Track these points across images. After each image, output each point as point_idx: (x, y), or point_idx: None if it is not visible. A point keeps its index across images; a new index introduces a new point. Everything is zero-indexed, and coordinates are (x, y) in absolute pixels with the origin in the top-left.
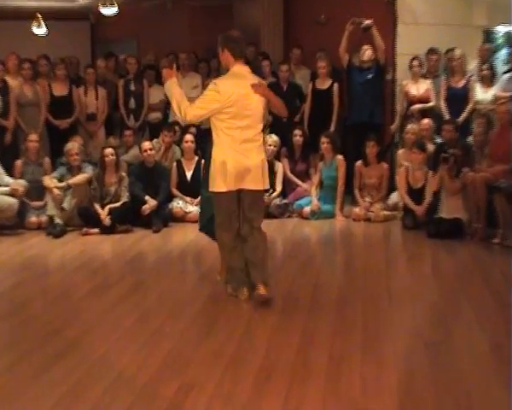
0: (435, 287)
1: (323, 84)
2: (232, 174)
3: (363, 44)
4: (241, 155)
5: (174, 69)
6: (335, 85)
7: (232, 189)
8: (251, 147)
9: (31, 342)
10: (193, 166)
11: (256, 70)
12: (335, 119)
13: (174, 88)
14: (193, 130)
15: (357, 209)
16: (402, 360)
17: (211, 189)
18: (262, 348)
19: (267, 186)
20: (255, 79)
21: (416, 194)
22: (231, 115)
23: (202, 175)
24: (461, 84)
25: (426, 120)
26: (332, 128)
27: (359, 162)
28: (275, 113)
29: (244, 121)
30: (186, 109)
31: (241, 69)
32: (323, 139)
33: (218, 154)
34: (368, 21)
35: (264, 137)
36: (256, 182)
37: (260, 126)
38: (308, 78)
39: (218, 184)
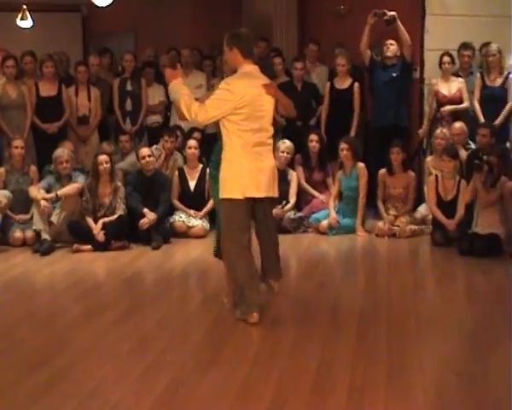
0: (469, 311)
1: (343, 83)
2: (247, 179)
3: (386, 39)
4: (254, 158)
5: (178, 68)
6: (356, 85)
7: (248, 196)
8: (263, 150)
9: (15, 373)
10: (197, 176)
11: (267, 68)
12: (356, 122)
13: (181, 89)
14: (197, 135)
15: (380, 223)
16: (431, 392)
17: (222, 196)
18: (274, 378)
19: (277, 194)
20: (265, 79)
21: (447, 206)
22: (244, 117)
23: (208, 187)
24: (498, 82)
25: (458, 124)
26: (352, 133)
27: (383, 171)
28: (284, 114)
29: (257, 123)
30: (197, 111)
31: (251, 69)
32: (342, 145)
33: (230, 158)
34: (391, 13)
35: (276, 143)
36: (269, 188)
37: (271, 129)
38: (326, 76)
39: (232, 190)
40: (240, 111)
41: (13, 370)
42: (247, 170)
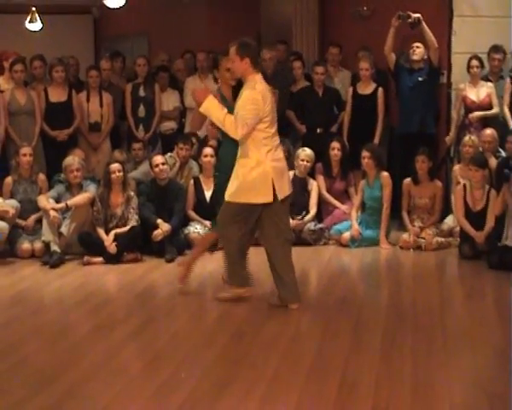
0: (499, 328)
1: (366, 88)
2: (279, 182)
3: (412, 42)
4: (277, 160)
5: (204, 87)
6: (380, 90)
7: (283, 196)
8: (280, 151)
9: (22, 391)
10: (213, 185)
11: (287, 72)
12: (380, 129)
13: (218, 108)
14: (213, 143)
15: (405, 235)
16: None
17: (248, 200)
18: (293, 398)
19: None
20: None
21: (476, 217)
22: (268, 124)
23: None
24: None
25: (489, 131)
26: (376, 140)
27: (408, 180)
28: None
29: (274, 127)
30: (239, 126)
31: (260, 77)
32: (364, 153)
33: (256, 165)
34: (416, 15)
35: (295, 151)
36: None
37: None
38: (349, 81)
39: (263, 195)
40: (266, 119)
41: (21, 387)
42: (276, 173)
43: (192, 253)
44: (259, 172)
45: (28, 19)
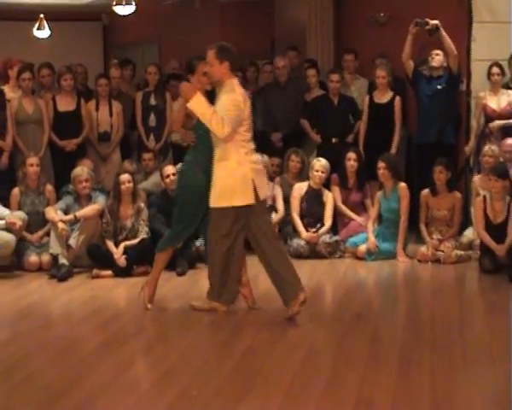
0: None
1: (382, 97)
2: (259, 183)
3: (431, 49)
4: (255, 164)
5: (194, 82)
6: (397, 98)
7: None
8: (256, 155)
9: (28, 407)
10: None
11: (300, 80)
12: (397, 139)
13: (206, 105)
14: None
15: (423, 248)
16: None
17: (231, 203)
18: None
19: None
20: None
21: (497, 230)
22: (246, 127)
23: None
24: None
25: (509, 140)
26: (393, 150)
27: (426, 191)
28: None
29: (250, 132)
30: (225, 125)
31: (237, 82)
32: (380, 164)
33: (236, 168)
34: (434, 22)
35: (310, 161)
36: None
37: None
38: (366, 89)
39: (245, 196)
40: (245, 122)
41: (27, 404)
42: (255, 174)
43: (153, 271)
44: (240, 174)
45: (36, 26)
